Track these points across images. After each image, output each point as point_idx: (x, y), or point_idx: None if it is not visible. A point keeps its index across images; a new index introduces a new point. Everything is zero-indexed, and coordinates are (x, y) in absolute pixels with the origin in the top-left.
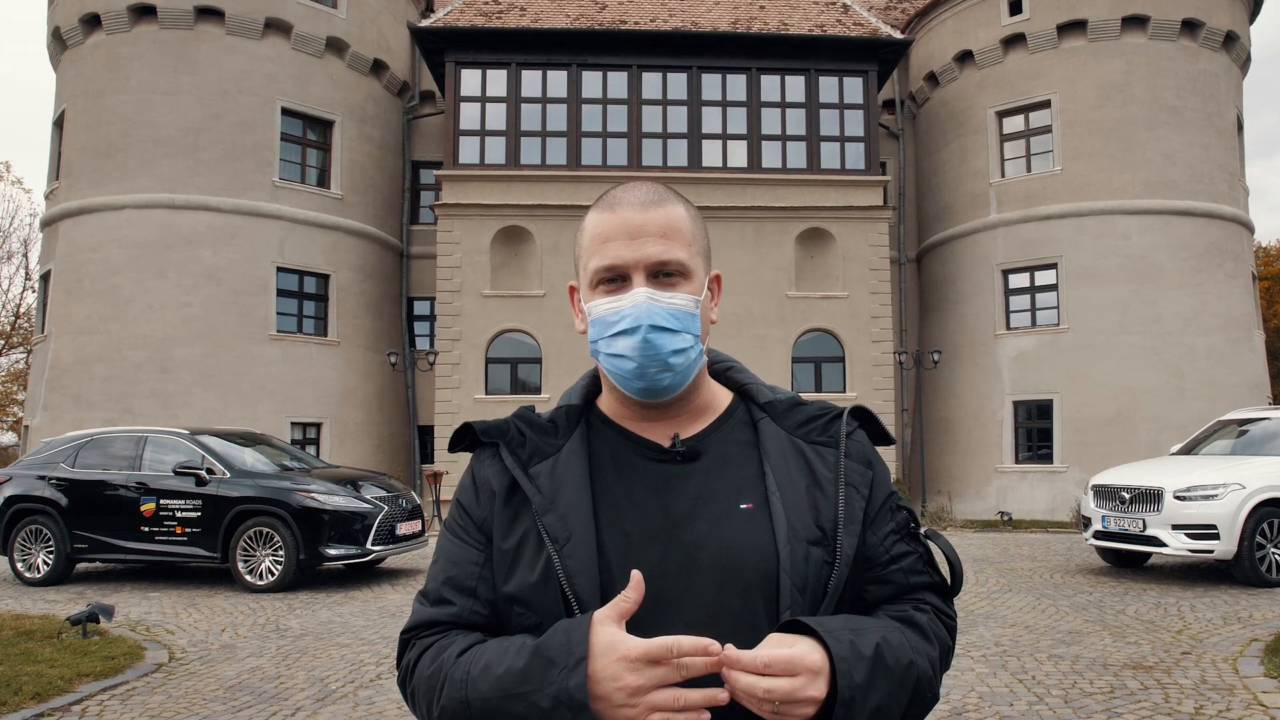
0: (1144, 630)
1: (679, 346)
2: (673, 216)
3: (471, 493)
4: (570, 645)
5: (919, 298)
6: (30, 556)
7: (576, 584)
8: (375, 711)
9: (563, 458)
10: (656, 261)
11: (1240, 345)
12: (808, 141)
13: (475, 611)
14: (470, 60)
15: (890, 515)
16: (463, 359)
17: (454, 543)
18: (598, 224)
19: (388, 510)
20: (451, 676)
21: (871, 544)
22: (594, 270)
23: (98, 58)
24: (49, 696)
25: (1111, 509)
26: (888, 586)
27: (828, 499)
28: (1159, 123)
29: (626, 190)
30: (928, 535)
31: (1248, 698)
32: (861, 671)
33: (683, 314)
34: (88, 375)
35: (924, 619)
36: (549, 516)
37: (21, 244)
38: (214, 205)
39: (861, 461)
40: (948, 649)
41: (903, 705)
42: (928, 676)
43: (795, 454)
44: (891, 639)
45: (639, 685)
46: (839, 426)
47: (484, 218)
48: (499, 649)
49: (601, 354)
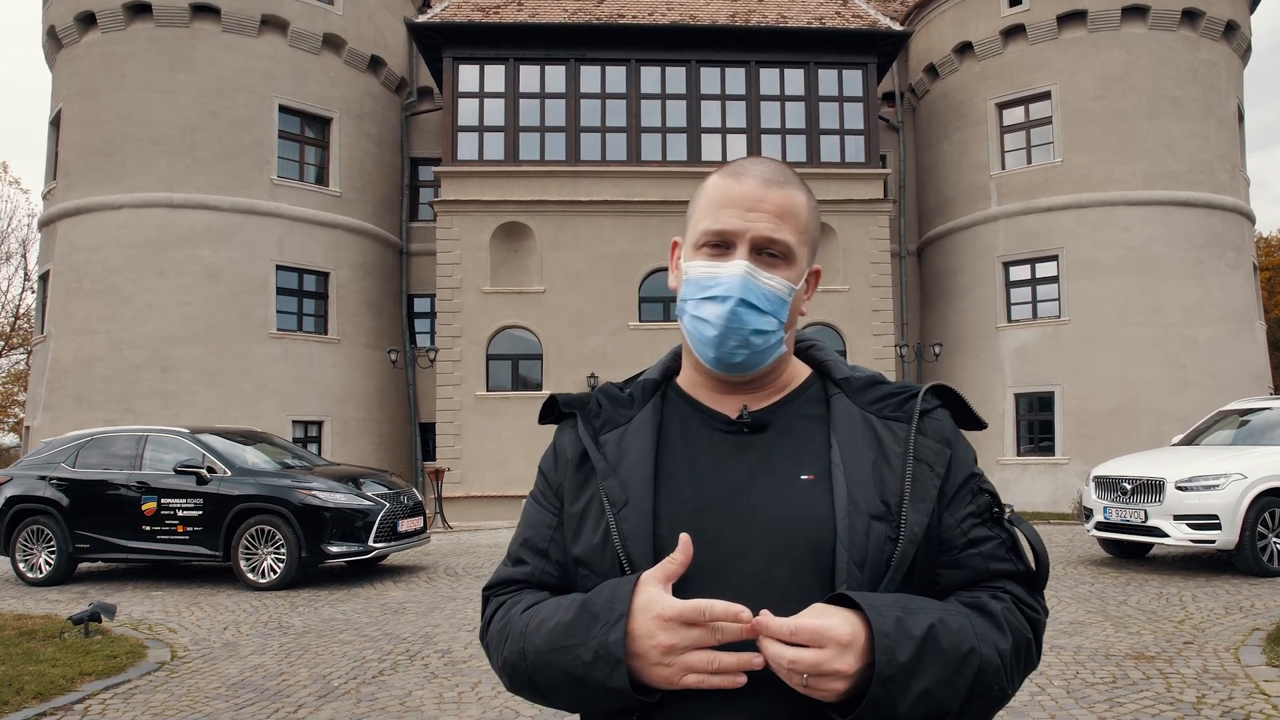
0: (1146, 620)
1: (762, 327)
2: (792, 200)
3: (551, 460)
4: (613, 602)
5: (920, 291)
6: (32, 557)
7: (631, 547)
8: (378, 707)
9: (632, 427)
10: (764, 238)
11: (1241, 336)
12: (807, 135)
13: (547, 572)
14: (468, 56)
15: (970, 497)
16: (463, 356)
17: (534, 507)
18: (718, 188)
19: (389, 507)
20: (513, 630)
21: (948, 525)
22: (702, 231)
23: (93, 56)
24: (51, 696)
25: (1113, 500)
26: (964, 571)
27: (895, 474)
28: (1159, 113)
29: (755, 163)
30: (1012, 521)
31: (1250, 686)
32: (907, 651)
33: (774, 297)
34: (88, 375)
35: (998, 607)
36: (609, 481)
37: (20, 244)
38: (212, 204)
39: (938, 439)
40: (1027, 643)
41: (960, 694)
42: (994, 667)
43: (865, 428)
44: (951, 622)
45: (673, 644)
46: (915, 403)
47: (483, 214)
48: (554, 605)
49: (687, 314)
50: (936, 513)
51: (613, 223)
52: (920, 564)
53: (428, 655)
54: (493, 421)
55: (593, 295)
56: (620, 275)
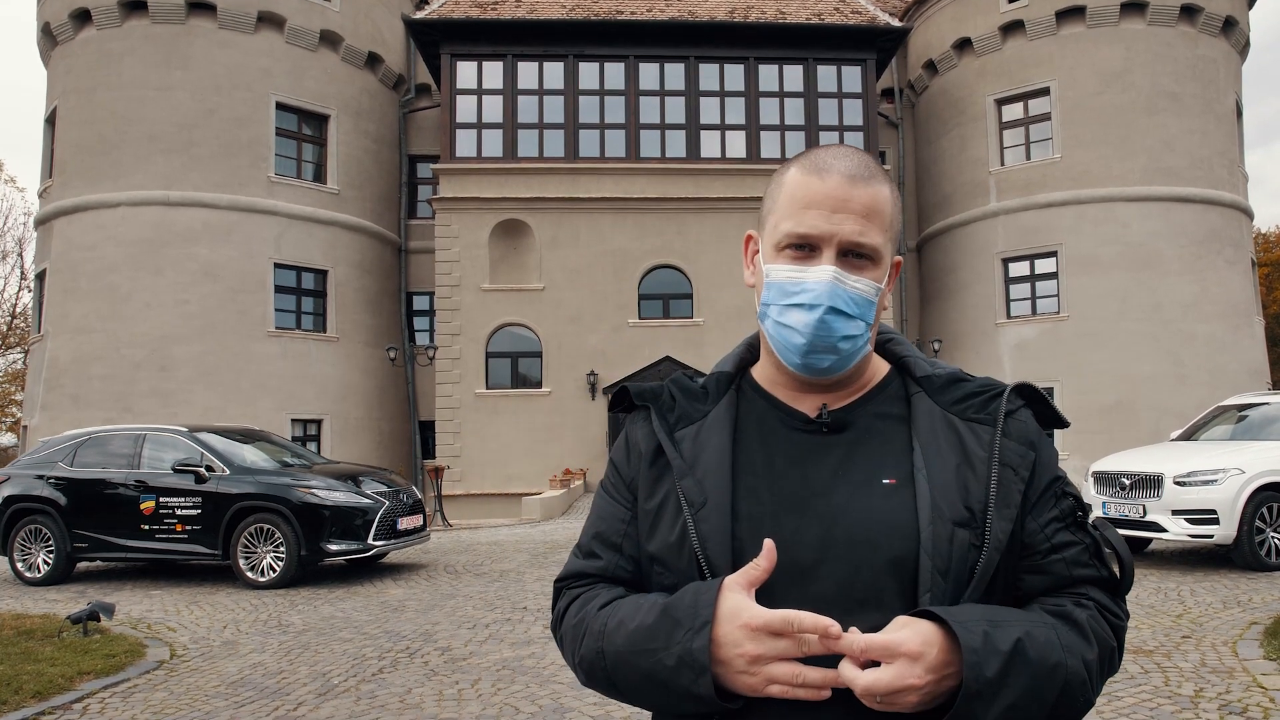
0: (1144, 615)
1: (851, 333)
2: (878, 197)
3: (624, 453)
4: (697, 608)
5: (919, 287)
6: (30, 556)
7: (709, 549)
8: (378, 705)
9: (708, 423)
10: (852, 242)
11: (1240, 331)
12: (806, 131)
13: (620, 566)
14: (466, 52)
15: (1054, 501)
16: (463, 353)
17: (606, 499)
18: (801, 186)
19: (389, 505)
20: (591, 628)
21: (1031, 530)
22: (785, 233)
23: (89, 53)
24: (50, 695)
25: (1112, 495)
26: (1047, 577)
27: (979, 479)
28: (1158, 109)
29: (836, 156)
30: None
31: (1247, 680)
32: (994, 666)
33: (863, 300)
34: (86, 375)
35: (1084, 616)
36: (687, 481)
37: (16, 243)
38: (210, 201)
39: (1022, 441)
40: (1111, 650)
41: (1046, 706)
42: (1080, 679)
43: (948, 430)
44: (1038, 635)
45: (759, 654)
46: (999, 404)
47: (482, 211)
48: (634, 605)
49: (770, 319)
50: (1020, 518)
51: (611, 219)
52: (1003, 571)
53: (428, 653)
54: (492, 419)
55: (592, 292)
56: (619, 272)
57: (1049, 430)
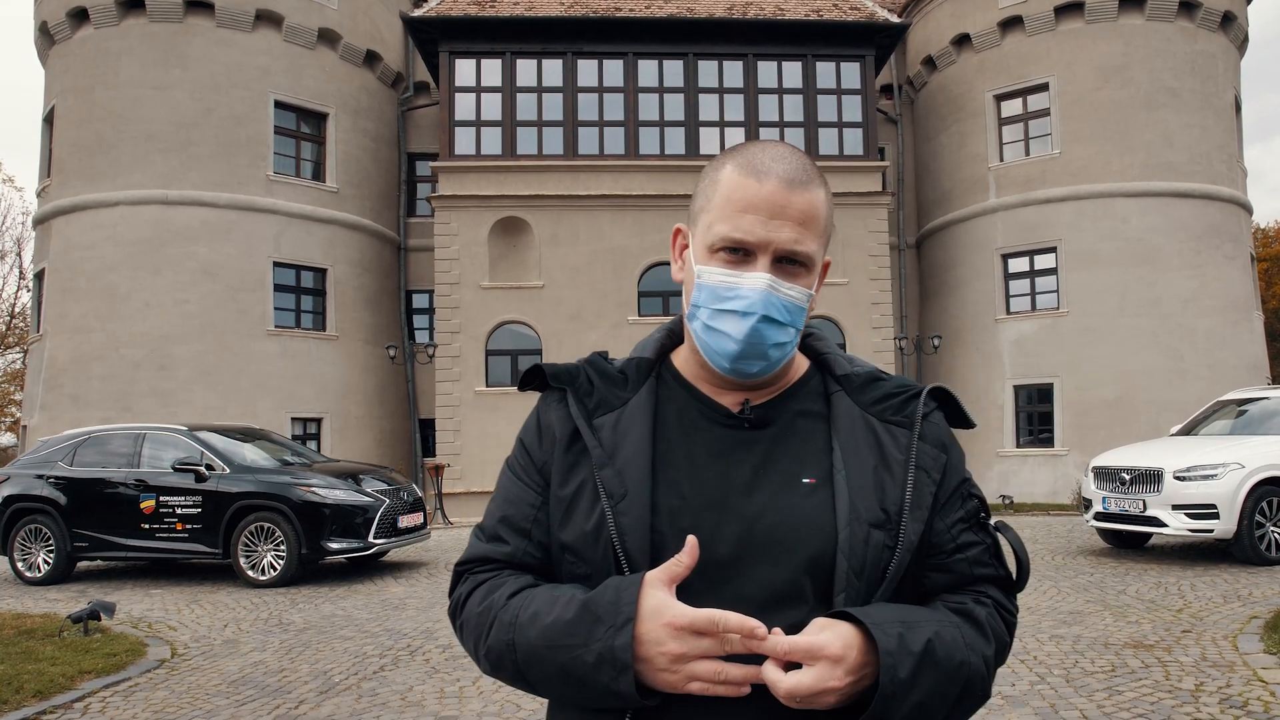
0: (1145, 609)
1: (781, 340)
2: (815, 202)
3: (535, 434)
4: (619, 605)
5: (919, 283)
6: (30, 556)
7: (628, 541)
8: (379, 703)
9: (628, 412)
10: (788, 250)
11: (1239, 327)
12: (805, 127)
13: (528, 553)
14: (464, 50)
15: (960, 502)
16: (462, 351)
17: (514, 482)
18: (738, 188)
19: (389, 503)
20: (501, 619)
21: (938, 530)
22: (719, 236)
23: (86, 52)
24: (51, 694)
25: (1112, 490)
26: (949, 575)
27: (895, 481)
28: (1157, 104)
29: (774, 158)
30: (997, 527)
31: (1248, 674)
32: (907, 667)
33: (795, 308)
34: (85, 374)
35: (983, 614)
36: (606, 471)
37: (15, 242)
38: (208, 200)
39: (935, 444)
40: (1004, 646)
41: (949, 702)
42: (980, 675)
43: (866, 431)
44: (945, 635)
45: (682, 653)
46: (916, 406)
47: (481, 209)
48: (548, 598)
49: (700, 321)
50: (929, 519)
51: (611, 217)
52: (911, 570)
53: (429, 650)
54: (492, 417)
55: (591, 290)
56: (619, 270)
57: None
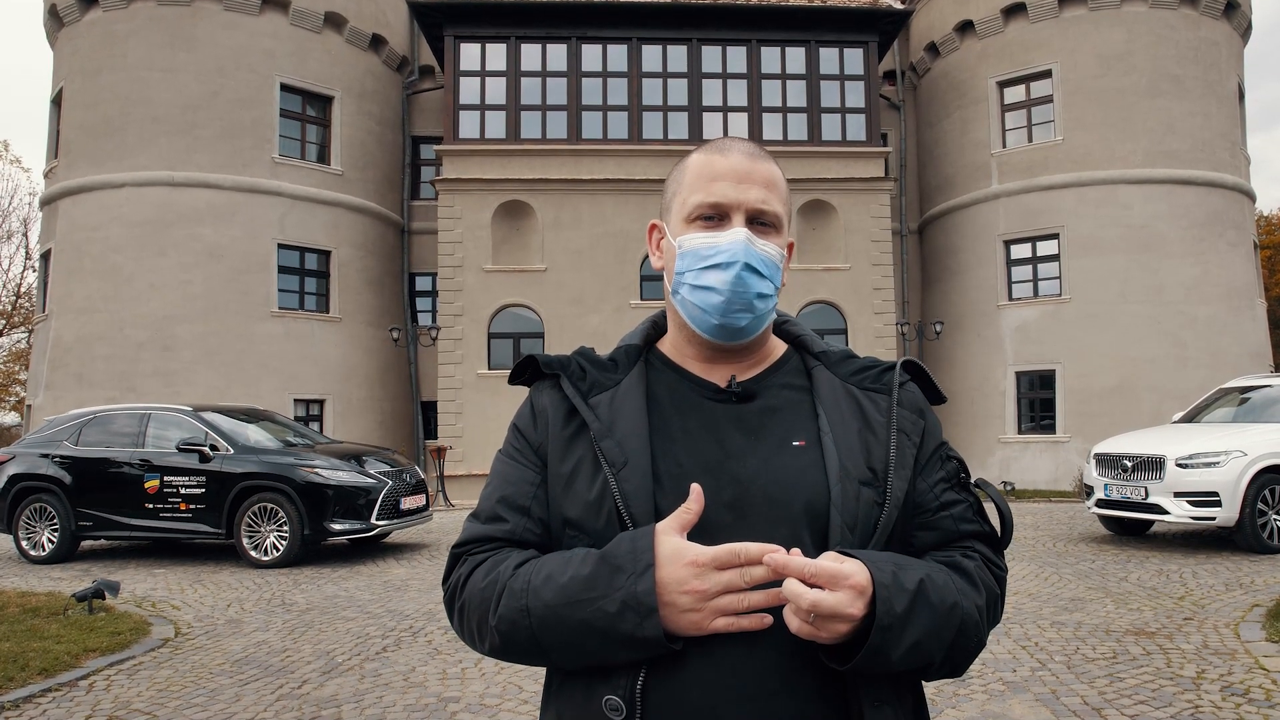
0: (1146, 597)
1: (764, 291)
2: (774, 174)
3: (529, 419)
4: (637, 553)
5: (921, 269)
6: (35, 535)
7: (632, 507)
8: (381, 683)
9: (621, 390)
10: (758, 209)
11: (1242, 314)
12: (808, 113)
13: (528, 529)
14: (469, 34)
15: (940, 464)
16: (465, 334)
17: (509, 464)
18: (705, 164)
19: (392, 485)
20: (511, 587)
21: (921, 490)
22: (695, 205)
23: (94, 35)
24: (56, 672)
25: (1114, 477)
26: (936, 533)
27: (879, 442)
28: (1160, 92)
29: (733, 141)
30: (978, 485)
31: (1249, 662)
32: (902, 602)
33: (771, 263)
34: (90, 354)
35: (971, 565)
36: (606, 442)
37: (21, 223)
38: (214, 182)
39: (913, 410)
40: (996, 598)
41: (945, 645)
42: (973, 620)
43: (848, 398)
44: (936, 578)
45: (705, 589)
46: (892, 376)
47: (484, 192)
48: (560, 560)
49: (686, 285)
50: (912, 479)
51: (614, 201)
52: (899, 528)
53: (431, 631)
54: (494, 400)
55: (594, 274)
56: (622, 254)
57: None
